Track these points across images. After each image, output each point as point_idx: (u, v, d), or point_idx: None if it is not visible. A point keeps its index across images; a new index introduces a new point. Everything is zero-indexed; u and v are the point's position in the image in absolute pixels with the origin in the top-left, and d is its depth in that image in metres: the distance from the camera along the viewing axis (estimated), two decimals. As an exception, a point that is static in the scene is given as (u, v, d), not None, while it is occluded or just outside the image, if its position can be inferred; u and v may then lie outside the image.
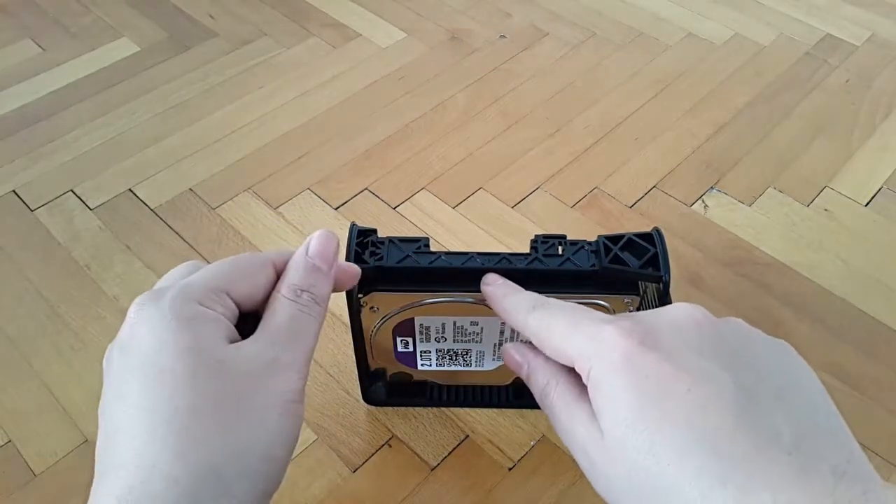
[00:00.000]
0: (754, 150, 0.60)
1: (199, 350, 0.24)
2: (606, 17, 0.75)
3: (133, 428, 0.23)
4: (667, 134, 0.61)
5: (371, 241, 0.34)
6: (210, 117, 0.63)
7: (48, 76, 0.67)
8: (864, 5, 0.75)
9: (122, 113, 0.63)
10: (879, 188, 0.56)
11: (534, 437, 0.41)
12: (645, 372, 0.23)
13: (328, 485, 0.39)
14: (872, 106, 0.64)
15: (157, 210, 0.55)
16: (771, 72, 0.67)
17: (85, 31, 0.73)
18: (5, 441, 0.41)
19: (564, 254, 0.34)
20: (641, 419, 0.22)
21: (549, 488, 0.39)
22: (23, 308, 0.48)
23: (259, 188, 0.56)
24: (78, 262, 0.51)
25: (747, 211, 0.55)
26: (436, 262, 0.34)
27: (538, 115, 0.63)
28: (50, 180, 0.57)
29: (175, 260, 0.51)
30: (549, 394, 0.28)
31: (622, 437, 0.23)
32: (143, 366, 0.24)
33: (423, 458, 0.40)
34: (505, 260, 0.34)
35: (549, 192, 0.56)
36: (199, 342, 0.24)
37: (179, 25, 0.74)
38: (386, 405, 0.42)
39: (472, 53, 0.70)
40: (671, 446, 0.22)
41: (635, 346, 0.24)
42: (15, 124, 0.62)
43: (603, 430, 0.24)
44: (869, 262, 0.51)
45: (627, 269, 0.33)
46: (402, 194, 0.56)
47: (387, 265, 0.33)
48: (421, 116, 0.63)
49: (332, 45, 0.71)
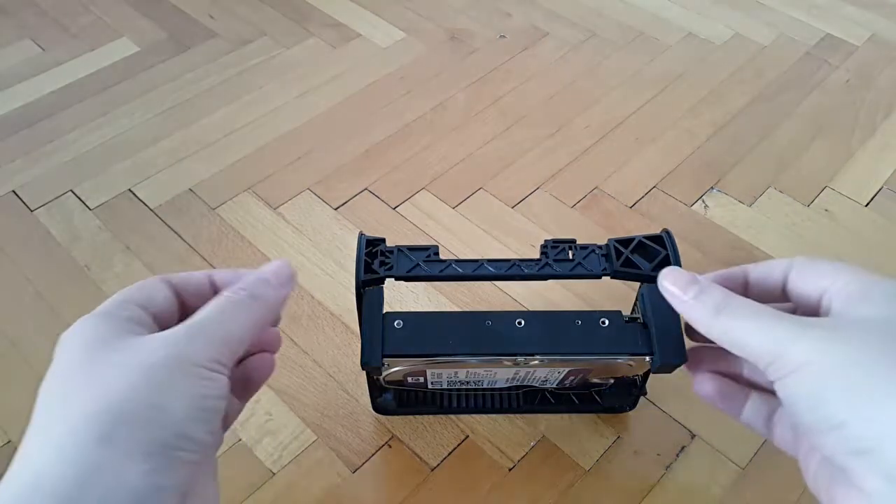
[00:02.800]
0: (754, 150, 0.60)
1: (102, 329, 0.26)
2: (606, 17, 0.74)
3: (39, 401, 0.25)
4: (667, 134, 0.61)
5: (380, 251, 0.34)
6: (210, 117, 0.63)
7: (48, 76, 0.67)
8: (864, 5, 0.75)
9: (122, 113, 0.63)
10: (880, 188, 0.56)
11: (534, 438, 0.41)
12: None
13: (328, 485, 0.39)
14: (872, 106, 0.64)
15: (157, 210, 0.55)
16: (771, 72, 0.67)
17: (85, 31, 0.73)
18: (5, 441, 0.41)
19: (575, 258, 0.34)
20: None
21: (548, 489, 0.39)
22: (23, 308, 0.48)
23: (259, 188, 0.56)
24: (78, 262, 0.51)
25: (747, 211, 0.55)
26: (446, 271, 0.34)
27: (538, 115, 0.63)
28: (50, 180, 0.57)
29: (175, 260, 0.51)
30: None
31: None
32: (59, 356, 0.26)
33: (423, 459, 0.40)
34: (515, 266, 0.34)
35: (549, 192, 0.56)
36: (104, 322, 0.27)
37: (179, 25, 0.74)
38: (395, 414, 0.42)
39: (472, 53, 0.70)
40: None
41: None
42: (15, 124, 0.62)
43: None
44: (869, 262, 0.51)
45: (639, 272, 0.33)
46: (402, 194, 0.56)
47: (397, 274, 0.33)
48: (421, 116, 0.63)
49: (332, 45, 0.71)
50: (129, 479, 0.23)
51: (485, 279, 0.34)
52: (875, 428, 0.22)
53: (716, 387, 0.31)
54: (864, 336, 0.24)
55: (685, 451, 0.41)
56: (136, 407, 0.24)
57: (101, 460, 0.23)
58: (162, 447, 0.24)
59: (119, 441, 0.23)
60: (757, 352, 0.26)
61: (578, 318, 0.33)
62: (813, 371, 0.24)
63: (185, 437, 0.25)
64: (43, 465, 0.23)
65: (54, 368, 0.26)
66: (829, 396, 0.23)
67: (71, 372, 0.25)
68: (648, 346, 0.32)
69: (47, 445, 0.24)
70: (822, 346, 0.24)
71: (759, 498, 0.39)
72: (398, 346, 0.32)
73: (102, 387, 0.25)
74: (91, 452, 0.23)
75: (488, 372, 0.35)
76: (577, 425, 0.42)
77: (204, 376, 0.26)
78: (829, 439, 0.23)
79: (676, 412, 0.42)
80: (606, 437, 0.41)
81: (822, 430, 0.23)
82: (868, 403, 0.22)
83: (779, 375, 0.25)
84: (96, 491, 0.23)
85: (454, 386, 0.38)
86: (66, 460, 0.23)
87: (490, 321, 0.33)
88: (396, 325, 0.33)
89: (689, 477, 0.40)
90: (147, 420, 0.24)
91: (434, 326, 0.33)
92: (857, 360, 0.23)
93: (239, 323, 0.28)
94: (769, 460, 0.40)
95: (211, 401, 0.26)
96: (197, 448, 0.25)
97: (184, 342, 0.26)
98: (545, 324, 0.33)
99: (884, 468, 0.22)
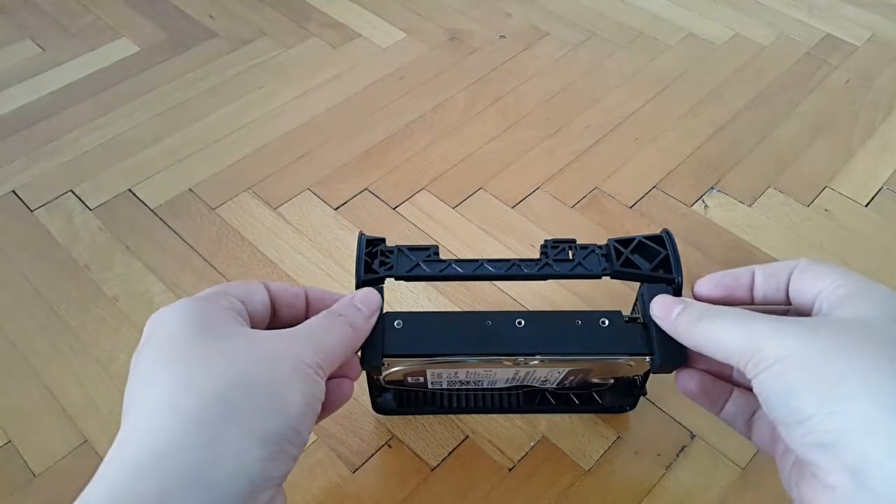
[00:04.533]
0: (754, 150, 0.60)
1: (209, 312, 0.27)
2: (606, 17, 0.74)
3: (145, 373, 0.25)
4: (667, 134, 0.61)
5: (380, 251, 0.34)
6: (210, 117, 0.63)
7: (48, 76, 0.67)
8: (864, 5, 0.75)
9: (122, 113, 0.63)
10: (879, 188, 0.56)
11: (533, 438, 0.41)
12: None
13: (328, 485, 0.39)
14: (872, 106, 0.64)
15: (157, 210, 0.55)
16: (771, 72, 0.67)
17: (85, 31, 0.73)
18: (5, 441, 0.41)
19: (575, 258, 0.34)
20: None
21: (548, 489, 0.39)
22: (23, 308, 0.48)
23: (259, 188, 0.56)
24: (78, 262, 0.51)
25: (747, 211, 0.55)
26: (446, 271, 0.34)
27: (538, 115, 0.63)
28: (50, 180, 0.57)
29: (175, 260, 0.51)
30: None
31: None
32: (161, 331, 0.26)
33: (423, 459, 0.40)
34: (515, 266, 0.34)
35: (549, 192, 0.56)
36: (211, 306, 0.27)
37: (179, 25, 0.74)
38: (395, 414, 0.42)
39: (472, 53, 0.70)
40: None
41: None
42: (15, 124, 0.62)
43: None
44: (869, 262, 0.51)
45: (639, 272, 0.33)
46: (402, 194, 0.56)
47: (397, 274, 0.33)
48: (421, 116, 0.63)
49: (332, 46, 0.71)
50: (248, 463, 0.23)
51: (484, 279, 0.34)
52: (840, 421, 0.22)
53: (698, 383, 0.31)
54: (841, 334, 0.24)
55: (685, 452, 0.41)
56: (260, 392, 0.24)
57: (226, 439, 0.23)
58: (278, 437, 0.24)
59: (244, 422, 0.23)
60: (736, 352, 0.26)
61: (578, 318, 0.33)
62: (787, 365, 0.24)
63: (296, 431, 0.25)
64: (166, 432, 0.23)
65: (158, 340, 0.26)
66: (799, 390, 0.23)
67: (184, 346, 0.25)
68: (648, 347, 0.32)
69: (171, 413, 0.23)
70: (796, 343, 0.24)
71: (759, 498, 0.39)
72: (398, 346, 0.32)
73: (226, 366, 0.25)
74: (217, 430, 0.23)
75: (488, 372, 0.35)
76: (577, 425, 0.42)
77: (314, 377, 0.26)
78: (797, 433, 0.23)
79: (676, 412, 0.42)
80: (606, 437, 0.41)
81: (790, 423, 0.24)
82: (835, 398, 0.23)
83: (755, 372, 0.25)
84: (220, 471, 0.22)
85: (454, 386, 0.38)
86: (191, 433, 0.23)
87: (490, 321, 0.33)
88: (396, 325, 0.33)
89: (689, 477, 0.40)
90: (269, 408, 0.24)
91: (434, 326, 0.33)
92: (830, 356, 0.24)
93: (338, 340, 0.29)
94: (769, 461, 0.40)
95: (317, 402, 0.27)
96: (301, 445, 0.26)
97: (299, 342, 0.27)
98: (545, 324, 0.33)
99: (848, 463, 0.22)
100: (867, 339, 0.24)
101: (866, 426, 0.22)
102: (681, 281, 0.32)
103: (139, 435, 0.23)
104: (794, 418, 0.23)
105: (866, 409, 0.22)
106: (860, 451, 0.22)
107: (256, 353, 0.26)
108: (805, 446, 0.23)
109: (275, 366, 0.25)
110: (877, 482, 0.21)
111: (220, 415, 0.23)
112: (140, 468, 0.22)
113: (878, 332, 0.24)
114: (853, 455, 0.22)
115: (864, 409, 0.22)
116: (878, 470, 0.21)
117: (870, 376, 0.23)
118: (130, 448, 0.23)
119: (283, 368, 0.26)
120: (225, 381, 0.24)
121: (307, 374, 0.26)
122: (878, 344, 0.24)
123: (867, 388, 0.22)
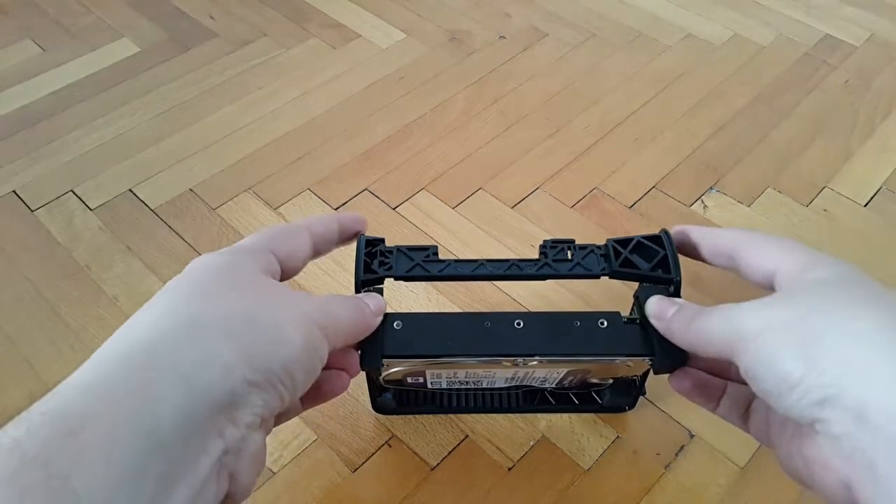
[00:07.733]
0: (754, 150, 0.60)
1: (243, 270, 0.28)
2: (606, 17, 0.75)
3: (160, 293, 0.26)
4: (666, 134, 0.61)
5: (380, 251, 0.34)
6: (210, 117, 0.63)
7: (48, 76, 0.67)
8: (863, 5, 0.75)
9: (122, 113, 0.63)
10: (879, 188, 0.56)
11: (533, 438, 0.41)
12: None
13: (328, 485, 0.39)
14: (872, 106, 0.64)
15: (158, 210, 0.55)
16: (771, 72, 0.68)
17: (85, 31, 0.73)
18: (6, 441, 0.41)
19: (574, 258, 0.34)
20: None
21: (548, 488, 0.39)
22: (23, 308, 0.48)
23: (259, 188, 0.56)
24: (78, 263, 0.51)
25: (747, 211, 0.55)
26: (445, 271, 0.34)
27: (538, 115, 0.63)
28: (50, 180, 0.57)
29: (175, 260, 0.51)
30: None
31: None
32: (190, 274, 0.28)
33: (423, 458, 0.40)
34: (515, 266, 0.34)
35: (549, 192, 0.56)
36: (247, 266, 0.28)
37: (179, 26, 0.74)
38: (395, 413, 0.42)
39: (471, 54, 0.70)
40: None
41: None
42: (15, 124, 0.62)
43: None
44: (868, 262, 0.51)
45: (638, 272, 0.33)
46: (402, 194, 0.56)
47: (397, 274, 0.33)
48: (421, 116, 0.63)
49: (332, 46, 0.71)
50: (234, 377, 0.24)
51: (484, 279, 0.34)
52: (832, 372, 0.23)
53: (691, 381, 0.32)
54: (811, 296, 0.25)
55: (684, 451, 0.41)
56: (263, 325, 0.26)
57: (219, 350, 0.24)
58: (266, 369, 0.25)
59: (239, 341, 0.24)
60: (725, 343, 0.26)
61: (577, 319, 0.33)
62: (767, 337, 0.24)
63: (288, 373, 0.26)
64: (161, 331, 0.24)
65: (187, 278, 0.27)
66: (783, 356, 0.24)
67: (202, 291, 0.27)
68: (647, 347, 0.32)
69: (171, 315, 0.25)
70: (771, 314, 0.25)
71: (759, 498, 0.39)
72: (397, 347, 0.32)
73: (236, 300, 0.26)
74: (212, 339, 0.24)
75: (487, 372, 0.35)
76: (577, 425, 0.42)
77: (317, 334, 0.27)
78: (791, 398, 0.23)
79: (676, 412, 0.42)
80: (606, 437, 0.41)
81: (782, 392, 0.24)
82: (822, 354, 0.23)
83: (740, 352, 0.25)
84: (206, 374, 0.23)
85: (454, 386, 0.38)
86: (186, 335, 0.24)
87: (489, 322, 0.33)
88: (396, 325, 0.33)
89: (688, 477, 0.40)
90: (267, 340, 0.25)
91: (433, 327, 0.33)
92: (805, 317, 0.24)
93: (348, 316, 0.30)
94: (769, 460, 0.40)
95: (317, 360, 0.28)
96: (291, 390, 0.26)
97: (312, 303, 0.28)
98: (544, 324, 0.33)
99: (850, 408, 0.22)
100: (836, 298, 0.25)
101: (862, 371, 0.22)
102: (679, 280, 0.32)
103: (135, 331, 0.24)
104: (785, 385, 0.24)
105: (857, 356, 0.22)
106: (861, 395, 0.22)
107: (269, 297, 0.27)
108: (803, 408, 0.23)
109: (283, 310, 0.27)
110: (882, 419, 0.21)
111: (219, 331, 0.24)
112: (130, 357, 0.23)
113: (841, 290, 0.25)
114: (855, 400, 0.22)
115: (854, 357, 0.22)
116: (881, 408, 0.21)
117: (850, 326, 0.23)
118: (123, 341, 0.24)
119: (290, 314, 0.27)
120: (231, 310, 0.25)
121: (312, 329, 0.27)
122: (846, 299, 0.25)
123: (852, 336, 0.23)
